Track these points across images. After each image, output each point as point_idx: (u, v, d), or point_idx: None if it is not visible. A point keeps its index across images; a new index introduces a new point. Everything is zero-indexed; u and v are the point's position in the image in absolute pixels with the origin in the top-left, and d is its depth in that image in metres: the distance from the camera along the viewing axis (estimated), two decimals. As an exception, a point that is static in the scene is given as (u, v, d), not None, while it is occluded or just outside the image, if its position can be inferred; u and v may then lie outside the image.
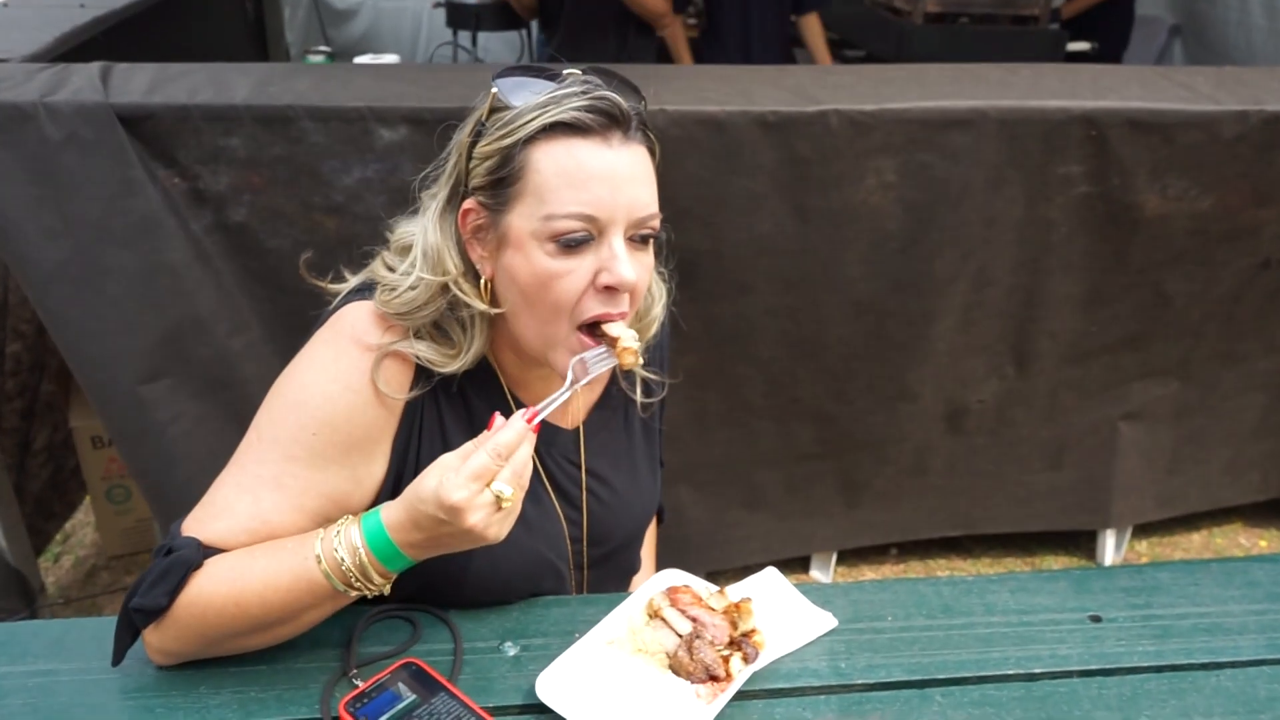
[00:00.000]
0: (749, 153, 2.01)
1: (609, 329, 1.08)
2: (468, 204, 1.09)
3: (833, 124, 2.00)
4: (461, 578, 1.18)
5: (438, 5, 5.24)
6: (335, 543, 1.03)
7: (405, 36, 5.73)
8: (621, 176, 1.04)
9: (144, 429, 2.00)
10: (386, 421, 1.13)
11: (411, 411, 1.14)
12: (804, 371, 2.35)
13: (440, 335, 1.13)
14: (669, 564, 1.31)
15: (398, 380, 1.12)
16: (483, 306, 1.11)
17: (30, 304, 2.35)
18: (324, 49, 4.04)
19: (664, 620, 1.15)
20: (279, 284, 1.99)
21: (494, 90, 1.07)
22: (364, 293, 1.16)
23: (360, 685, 1.06)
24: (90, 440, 2.61)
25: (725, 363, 2.30)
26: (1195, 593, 1.28)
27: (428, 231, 1.11)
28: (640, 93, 1.10)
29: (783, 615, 1.20)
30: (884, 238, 2.17)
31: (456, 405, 1.18)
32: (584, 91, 1.04)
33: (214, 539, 1.08)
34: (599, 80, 1.07)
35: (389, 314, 1.11)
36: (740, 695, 1.09)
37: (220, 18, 4.00)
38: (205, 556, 1.06)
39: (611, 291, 1.06)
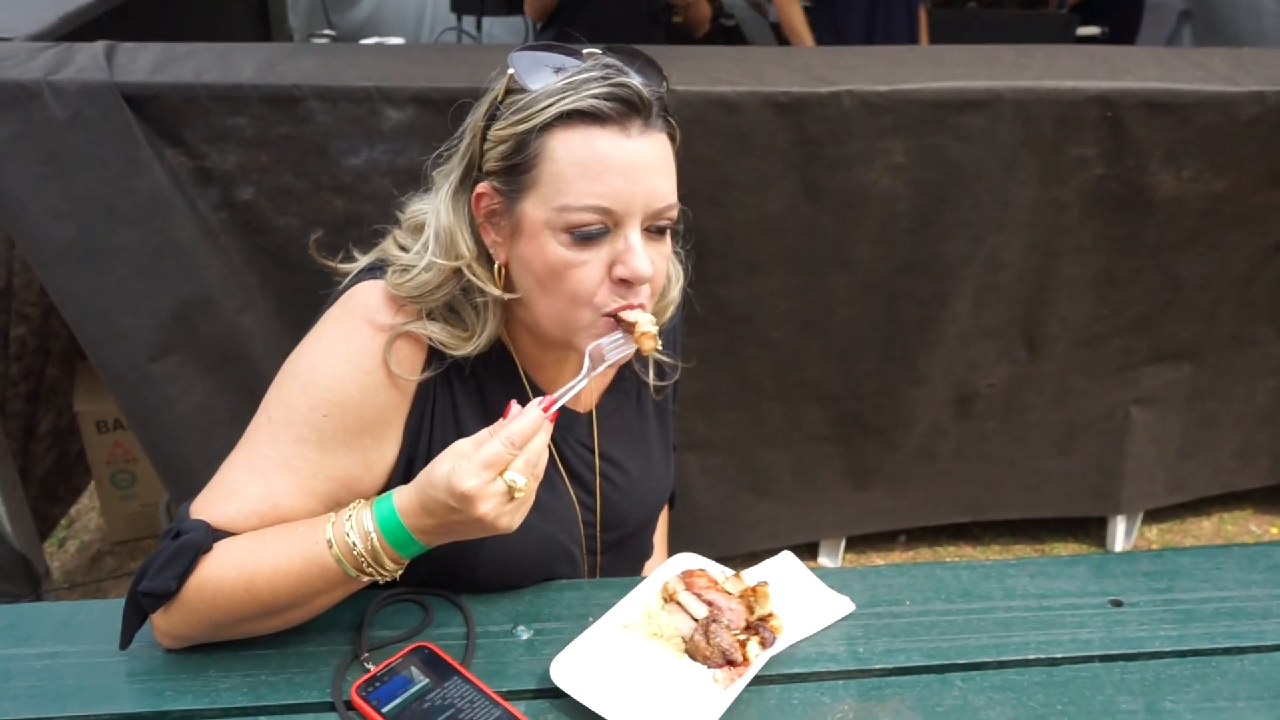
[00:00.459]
0: (760, 134, 1.99)
1: (625, 315, 1.06)
2: (481, 187, 1.06)
3: (845, 105, 1.98)
4: (474, 561, 1.16)
5: (442, -11, 5.22)
6: (347, 527, 1.01)
7: (409, 21, 5.69)
8: (639, 167, 1.01)
9: (155, 405, 2.00)
10: (398, 403, 1.11)
11: (424, 393, 1.12)
12: (813, 353, 2.34)
13: (453, 317, 1.11)
14: (678, 550, 1.29)
15: (410, 361, 1.10)
16: (497, 292, 1.09)
17: (35, 288, 2.35)
18: (328, 33, 4.02)
19: (679, 604, 1.13)
20: (287, 261, 1.98)
21: (510, 71, 1.04)
22: (375, 272, 1.14)
23: (372, 669, 1.05)
24: (95, 425, 2.60)
25: (734, 344, 2.28)
26: (1217, 577, 1.26)
27: (440, 213, 1.09)
28: (663, 74, 1.07)
29: (799, 600, 1.18)
30: (895, 219, 2.15)
31: (470, 388, 1.16)
32: (604, 77, 1.00)
33: (223, 522, 1.06)
34: (620, 63, 1.04)
35: (401, 296, 1.09)
36: (757, 680, 1.07)
37: (223, 1, 3.98)
38: (214, 539, 1.04)
39: (626, 283, 1.04)
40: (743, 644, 1.08)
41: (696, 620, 1.11)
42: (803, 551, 2.77)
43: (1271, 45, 4.52)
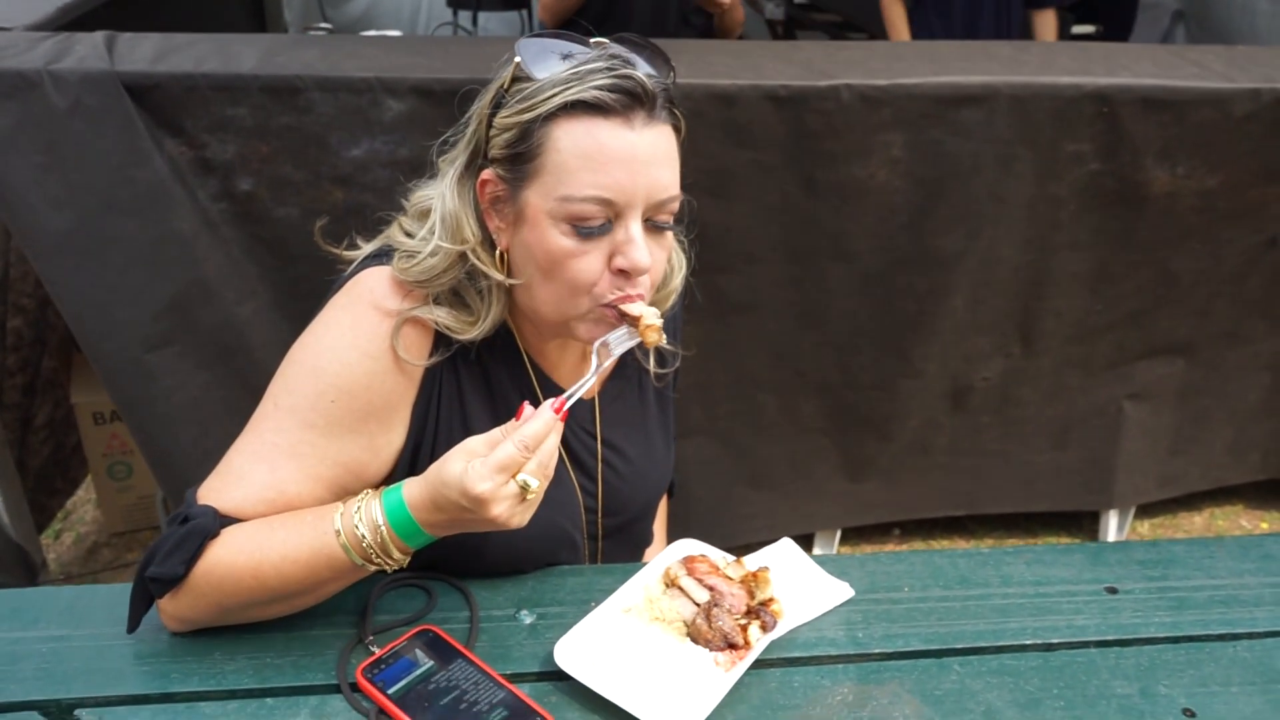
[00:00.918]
0: (759, 127, 2.00)
1: (629, 308, 1.07)
2: (486, 174, 1.07)
3: (844, 99, 1.99)
4: (478, 548, 1.17)
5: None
6: (355, 518, 1.02)
7: (405, 16, 5.68)
8: (642, 159, 1.02)
9: (151, 397, 2.00)
10: (405, 389, 1.12)
11: (430, 379, 1.13)
12: (809, 345, 2.35)
13: (458, 302, 1.12)
14: (676, 539, 1.30)
15: (417, 347, 1.11)
16: (499, 277, 1.09)
17: (31, 279, 2.35)
18: (324, 25, 4.01)
19: (681, 589, 1.15)
20: (287, 252, 1.99)
21: (516, 59, 1.04)
22: (380, 258, 1.14)
23: (377, 652, 1.06)
24: (92, 416, 2.60)
25: (731, 336, 2.29)
26: (1210, 566, 1.28)
27: (446, 198, 1.10)
28: (670, 64, 1.08)
29: (800, 585, 1.19)
30: (892, 213, 2.16)
31: (475, 373, 1.17)
32: (608, 68, 1.01)
33: (230, 508, 1.06)
34: (626, 52, 1.05)
35: (407, 281, 1.10)
36: (758, 664, 1.08)
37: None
38: (222, 525, 1.05)
39: (625, 274, 1.05)
40: (744, 628, 1.09)
41: (698, 604, 1.12)
42: (798, 543, 2.79)
43: (1265, 42, 4.54)
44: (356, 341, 1.09)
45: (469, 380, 1.16)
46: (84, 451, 2.66)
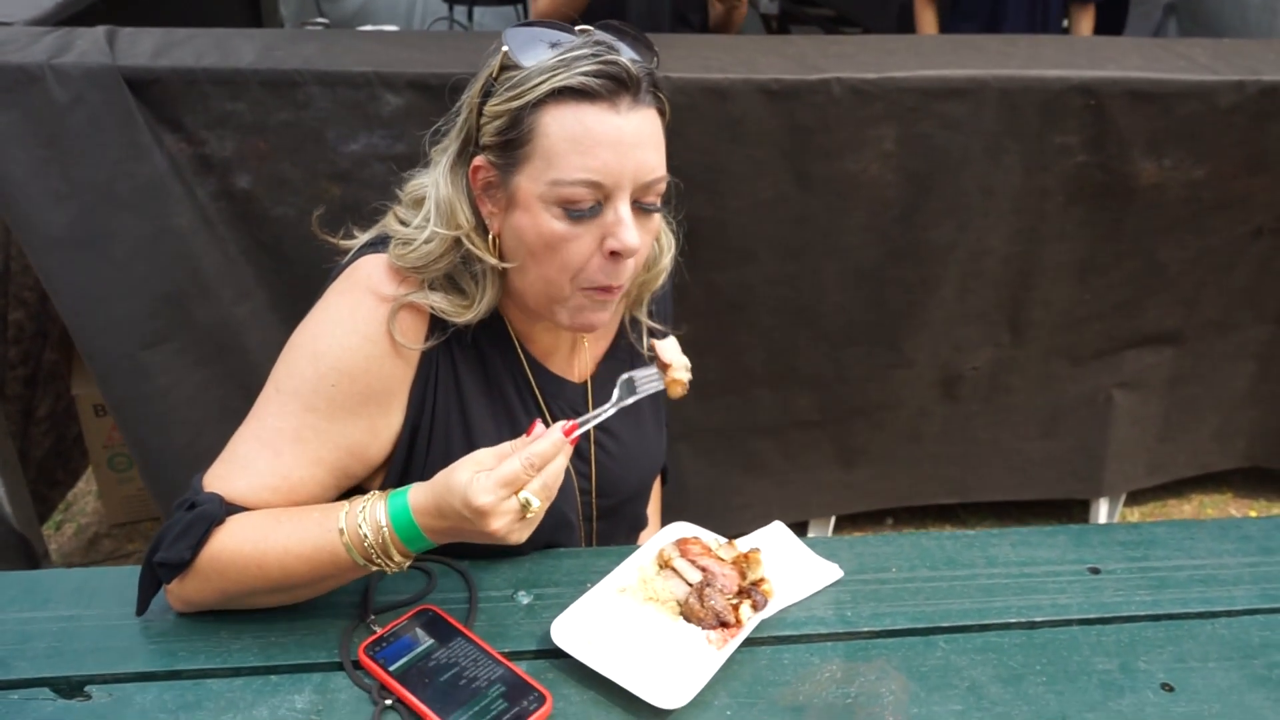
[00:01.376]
0: (752, 121, 2.03)
1: (663, 353, 1.12)
2: (478, 161, 1.10)
3: (835, 92, 2.02)
4: None
5: (434, -22, 5.23)
6: (360, 518, 1.04)
7: (400, 11, 5.70)
8: (628, 142, 1.05)
9: (144, 395, 2.01)
10: (403, 373, 1.15)
11: (427, 363, 1.16)
12: (803, 339, 2.38)
13: (453, 287, 1.15)
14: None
15: (413, 331, 1.14)
16: (493, 261, 1.12)
17: (33, 272, 2.37)
18: (320, 20, 4.03)
19: (674, 570, 1.18)
20: (283, 253, 2.01)
21: (505, 48, 1.07)
22: (377, 246, 1.18)
23: (378, 631, 1.09)
24: (93, 408, 2.62)
25: (726, 331, 2.32)
26: (1191, 547, 1.31)
27: (440, 186, 1.13)
28: (653, 49, 1.11)
29: (790, 566, 1.23)
30: (884, 206, 2.19)
31: (470, 356, 1.20)
32: (594, 55, 1.04)
33: (237, 496, 1.09)
34: (611, 40, 1.08)
35: (404, 267, 1.13)
36: (749, 642, 1.12)
37: (215, -10, 3.99)
38: (228, 513, 1.08)
39: (616, 257, 1.08)
40: (735, 607, 1.12)
41: (691, 584, 1.15)
42: (793, 531, 2.82)
43: (1256, 36, 4.57)
44: (355, 326, 1.12)
45: (465, 364, 1.19)
46: (85, 443, 2.69)
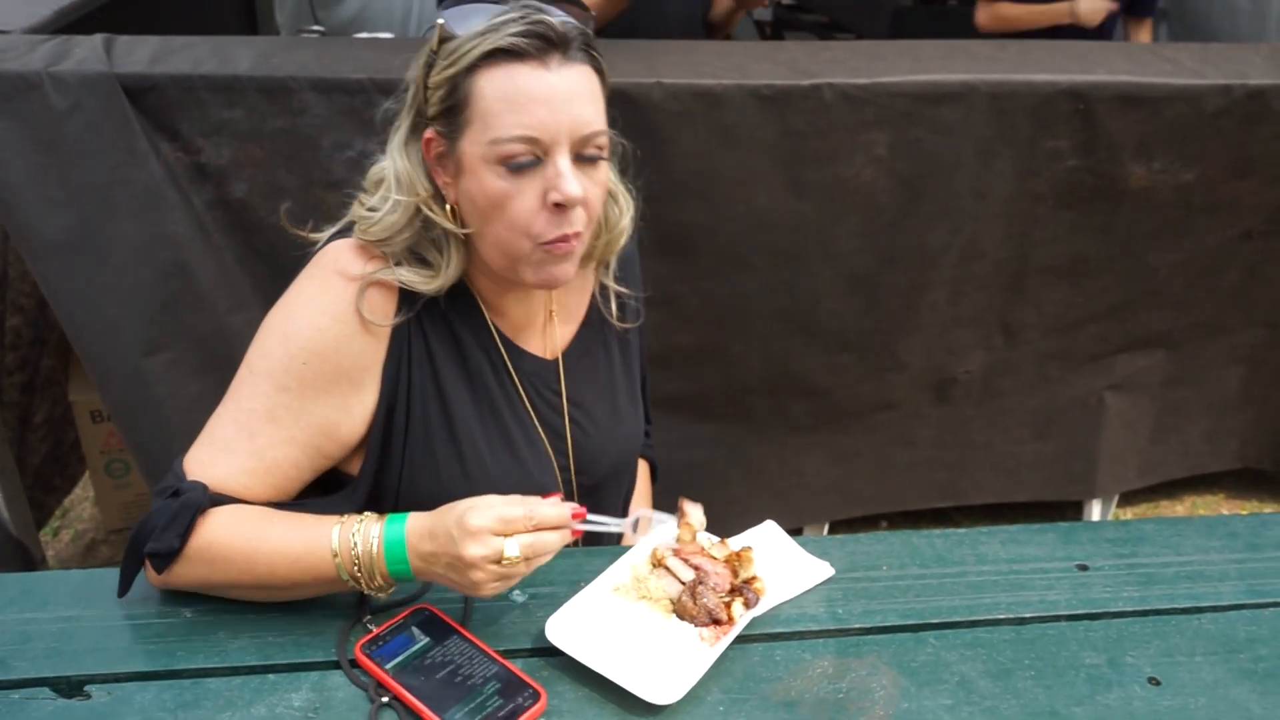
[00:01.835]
0: (745, 127, 2.04)
1: (691, 517, 1.18)
2: (428, 133, 1.15)
3: (826, 98, 2.03)
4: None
5: (429, -14, 5.23)
6: (354, 527, 1.08)
7: (396, 18, 5.68)
8: (560, 97, 1.08)
9: (142, 401, 2.03)
10: (375, 350, 1.18)
11: (399, 339, 1.19)
12: (797, 345, 2.39)
13: (418, 260, 1.19)
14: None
15: (382, 308, 1.18)
16: (451, 227, 1.16)
17: (30, 279, 2.38)
18: (316, 28, 4.03)
19: (668, 569, 1.19)
20: (278, 262, 2.01)
21: (441, 21, 1.12)
22: (346, 234, 1.22)
23: (375, 630, 1.10)
24: (89, 414, 2.63)
25: (721, 338, 2.33)
26: (1178, 543, 1.33)
27: (396, 160, 1.17)
28: (587, 10, 1.15)
29: (782, 564, 1.24)
30: (877, 211, 2.20)
31: (441, 330, 1.23)
32: (522, 17, 1.09)
33: (218, 481, 1.13)
34: (539, 3, 1.12)
35: (369, 241, 1.17)
36: (742, 639, 1.13)
37: (210, -1, 4.01)
38: (213, 501, 1.11)
39: (561, 209, 1.11)
40: (728, 605, 1.14)
41: (684, 583, 1.16)
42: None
43: (1246, 40, 4.60)
44: (324, 306, 1.16)
45: (436, 338, 1.22)
46: (82, 449, 2.70)
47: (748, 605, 1.14)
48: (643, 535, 1.16)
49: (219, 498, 1.12)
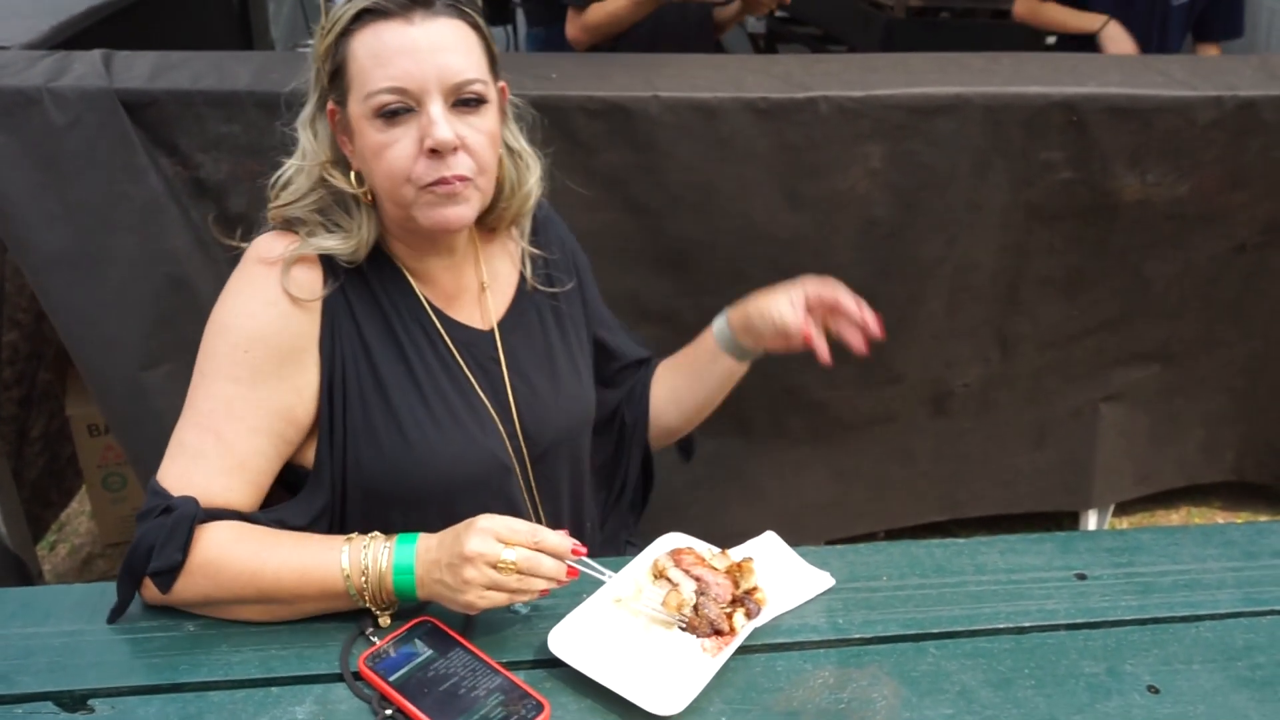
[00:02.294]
0: (741, 139, 2.05)
1: (670, 573, 1.20)
2: (330, 105, 1.20)
3: (821, 110, 2.05)
4: (407, 469, 1.24)
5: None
6: (364, 542, 1.12)
7: (390, 32, 5.74)
8: (425, 49, 1.13)
9: (142, 414, 2.02)
10: (309, 327, 1.21)
11: (329, 312, 1.22)
12: (795, 359, 2.37)
13: (332, 225, 1.22)
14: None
15: (309, 283, 1.21)
16: (348, 186, 1.20)
17: (27, 293, 2.38)
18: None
19: (669, 580, 1.19)
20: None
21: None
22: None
23: (378, 642, 1.11)
24: (86, 428, 2.63)
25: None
26: (1175, 552, 1.33)
27: (301, 134, 1.24)
28: None
29: (782, 575, 1.25)
30: (872, 223, 2.21)
31: (365, 298, 1.25)
32: None
33: (201, 491, 1.14)
34: None
35: (279, 212, 1.23)
36: (743, 649, 1.13)
37: (207, 12, 4.02)
38: (206, 514, 1.12)
39: (437, 154, 1.14)
40: (729, 615, 1.14)
41: (685, 594, 1.17)
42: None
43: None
44: (253, 294, 1.19)
45: (362, 308, 1.25)
46: (79, 463, 2.69)
47: (749, 616, 1.15)
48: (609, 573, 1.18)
49: (212, 511, 1.13)
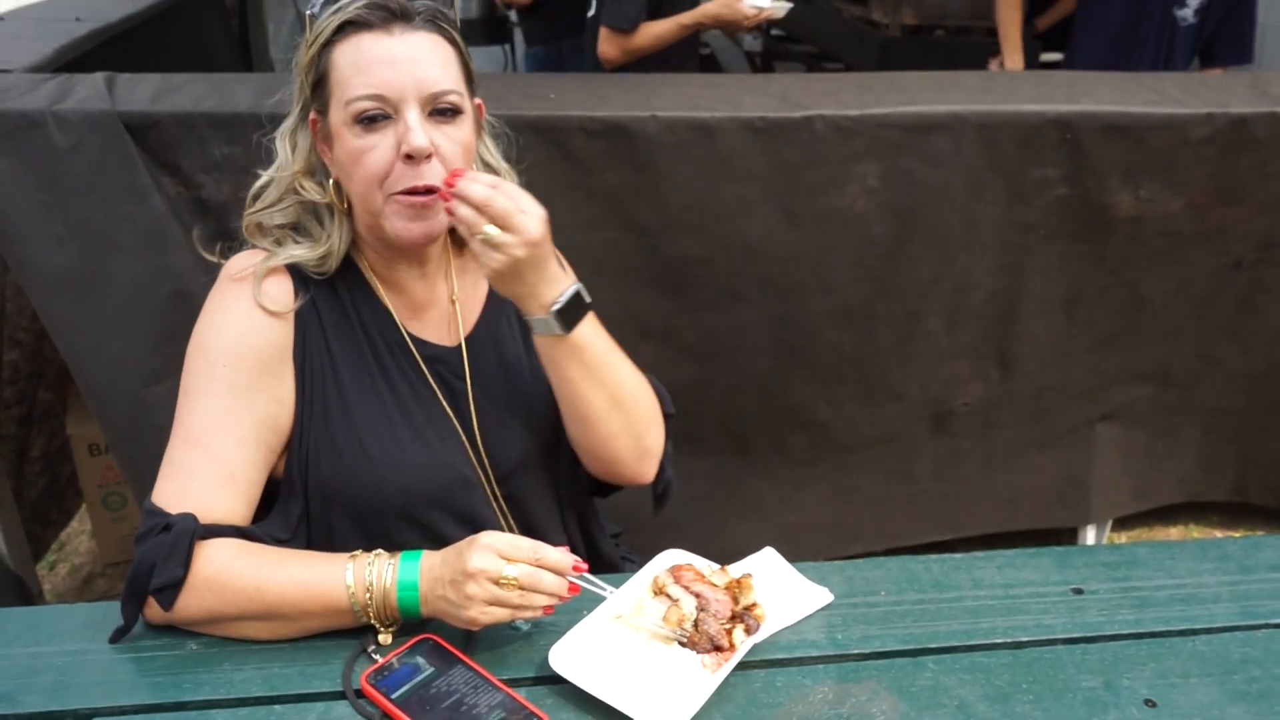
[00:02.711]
0: (738, 158, 2.07)
1: (670, 590, 1.20)
2: (312, 115, 1.23)
3: (818, 129, 2.07)
4: (373, 482, 1.25)
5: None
6: (369, 559, 1.13)
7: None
8: (403, 59, 1.16)
9: (144, 431, 2.03)
10: (284, 338, 1.24)
11: (301, 322, 1.25)
12: (794, 379, 2.40)
13: (303, 235, 1.25)
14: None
15: (282, 296, 1.24)
16: (319, 196, 1.23)
17: (28, 313, 2.40)
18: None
19: (669, 596, 1.20)
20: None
21: (309, 12, 1.21)
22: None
23: (380, 660, 1.11)
24: (87, 447, 2.64)
25: (718, 372, 2.34)
26: (1172, 566, 1.34)
27: (278, 145, 1.26)
28: None
29: (781, 591, 1.25)
30: (869, 242, 2.23)
31: (334, 308, 1.28)
32: None
33: (198, 507, 1.15)
34: None
35: (252, 219, 1.25)
36: (743, 665, 1.14)
37: (207, 34, 4.04)
38: (206, 530, 1.14)
39: (413, 160, 1.16)
40: (729, 631, 1.15)
41: (686, 610, 1.17)
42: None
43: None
44: (229, 310, 1.22)
45: (329, 315, 1.27)
46: (79, 482, 2.70)
47: (749, 632, 1.15)
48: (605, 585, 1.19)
49: (211, 527, 1.14)
